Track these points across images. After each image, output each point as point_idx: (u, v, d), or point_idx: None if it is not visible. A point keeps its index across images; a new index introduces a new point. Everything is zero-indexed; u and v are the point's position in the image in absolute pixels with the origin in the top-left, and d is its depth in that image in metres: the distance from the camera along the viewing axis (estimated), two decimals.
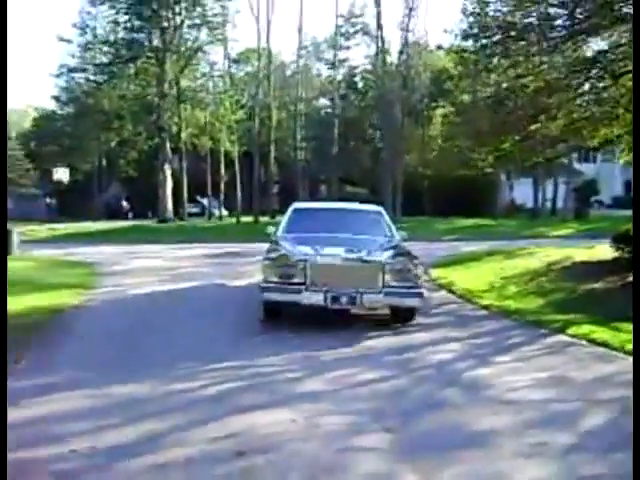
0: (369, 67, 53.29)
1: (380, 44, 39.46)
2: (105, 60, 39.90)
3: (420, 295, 8.68)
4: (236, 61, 50.10)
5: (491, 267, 16.02)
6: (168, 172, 39.58)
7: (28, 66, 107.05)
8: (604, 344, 7.75)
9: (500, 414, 5.27)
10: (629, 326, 8.60)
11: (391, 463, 4.27)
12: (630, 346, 7.54)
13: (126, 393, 5.73)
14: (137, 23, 37.57)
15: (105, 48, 39.65)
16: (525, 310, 10.35)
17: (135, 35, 38.30)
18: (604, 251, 15.36)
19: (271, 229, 11.25)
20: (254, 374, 6.34)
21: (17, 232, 21.16)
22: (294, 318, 8.93)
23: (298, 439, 4.67)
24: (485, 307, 10.75)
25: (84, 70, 41.82)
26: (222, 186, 45.67)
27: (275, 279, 8.59)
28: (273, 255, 9.07)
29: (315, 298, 8.41)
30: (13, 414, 4.91)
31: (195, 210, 46.99)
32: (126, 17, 37.70)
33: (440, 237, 28.41)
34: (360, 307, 8.68)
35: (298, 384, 6.10)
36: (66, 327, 9.21)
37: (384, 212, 11.43)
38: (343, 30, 51.53)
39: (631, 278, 12.72)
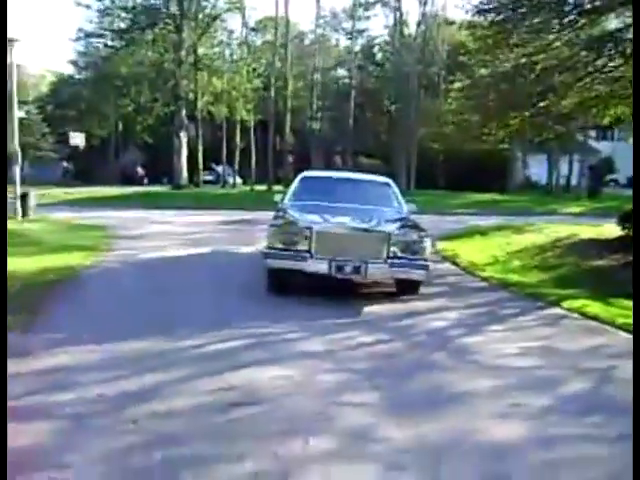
0: (388, 39, 53.03)
1: (398, 16, 39.23)
2: (123, 26, 40.01)
3: (425, 267, 8.63)
4: (254, 29, 49.99)
5: (498, 241, 16.24)
6: (184, 139, 39.83)
7: (45, 30, 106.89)
8: (595, 318, 8.00)
9: (483, 377, 5.57)
10: (623, 302, 8.88)
11: (376, 417, 4.59)
12: (621, 320, 7.81)
13: (131, 349, 6.07)
14: None
15: (123, 14, 39.69)
16: (525, 283, 10.61)
17: (153, 1, 38.33)
18: (611, 230, 15.53)
19: (278, 197, 11.31)
20: (256, 334, 6.66)
21: (33, 195, 21.57)
22: (299, 286, 8.98)
23: (291, 393, 5.00)
24: (486, 279, 11.03)
25: (101, 36, 41.92)
26: (237, 154, 45.93)
27: (279, 245, 8.55)
28: (278, 222, 9.02)
29: (319, 266, 8.37)
30: (31, 364, 5.31)
31: (210, 178, 47.23)
32: None
33: (452, 211, 28.54)
34: (364, 277, 8.60)
35: (297, 344, 6.42)
36: (78, 286, 9.59)
37: (393, 184, 11.32)
38: (362, 0, 51.25)
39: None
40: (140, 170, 52.34)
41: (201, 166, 42.57)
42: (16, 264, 11.14)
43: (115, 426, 4.31)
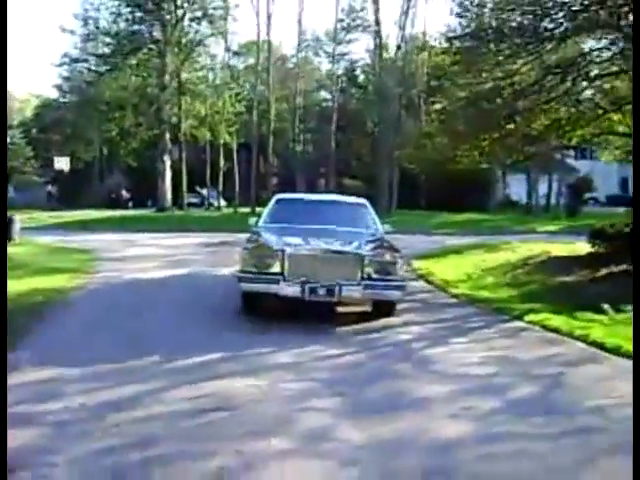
0: (369, 61, 53.91)
1: (378, 40, 40.03)
2: (107, 51, 40.57)
3: (400, 288, 8.67)
4: (237, 53, 50.72)
5: (473, 260, 16.71)
6: (167, 162, 40.27)
7: (30, 55, 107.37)
8: (555, 330, 8.44)
9: (441, 384, 5.98)
10: (587, 315, 9.29)
11: (335, 420, 4.99)
12: (579, 331, 8.24)
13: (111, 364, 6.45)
14: (139, 15, 38.20)
15: (107, 39, 40.28)
16: (493, 299, 11.05)
17: (137, 27, 38.95)
18: (582, 247, 16.00)
19: (253, 220, 11.24)
20: (229, 348, 7.06)
21: (18, 219, 21.87)
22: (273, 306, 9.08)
23: (259, 400, 5.39)
24: (456, 296, 11.48)
25: (85, 60, 42.48)
26: (221, 177, 46.38)
27: (252, 269, 8.50)
28: (251, 245, 8.97)
29: (292, 289, 8.31)
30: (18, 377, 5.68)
31: (194, 200, 47.63)
32: (128, 9, 38.32)
33: (431, 230, 29.03)
34: (338, 299, 8.49)
35: (267, 357, 6.82)
36: (64, 306, 9.98)
37: (368, 205, 11.37)
38: (344, 24, 52.14)
39: (602, 272, 13.47)
40: (125, 193, 52.64)
41: (185, 189, 42.97)
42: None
43: (96, 431, 4.68)
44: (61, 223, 31.48)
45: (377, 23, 39.66)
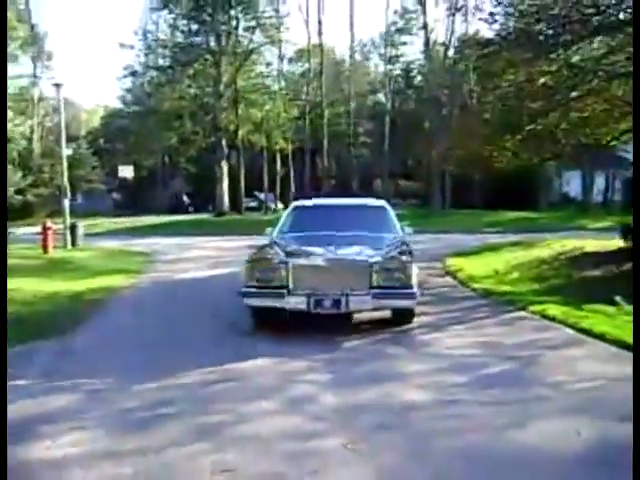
0: (424, 62, 54.36)
1: (426, 43, 40.62)
2: (165, 63, 42.39)
3: (411, 296, 8.20)
4: (291, 60, 51.98)
5: (506, 256, 17.19)
6: (224, 168, 41.78)
7: (99, 68, 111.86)
8: (552, 319, 9.08)
9: (423, 363, 6.83)
10: (595, 306, 9.83)
11: (321, 390, 5.92)
12: (572, 319, 8.87)
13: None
14: (194, 27, 39.85)
15: (165, 52, 42.07)
16: (510, 292, 11.63)
17: (193, 39, 40.58)
18: (615, 242, 16.33)
19: (269, 229, 10.72)
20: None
21: (81, 225, 23.48)
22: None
23: (263, 374, 6.38)
24: (474, 290, 12.15)
25: (144, 74, 44.45)
26: (278, 181, 47.73)
27: (255, 283, 8.23)
28: (254, 257, 8.73)
29: (297, 302, 8.02)
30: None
31: (252, 204, 49.08)
32: (184, 21, 40.03)
33: (480, 229, 29.39)
34: (346, 310, 8.12)
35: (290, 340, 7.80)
36: (114, 301, 11.56)
37: (389, 207, 11.10)
38: (398, 26, 52.78)
39: (627, 266, 13.83)
40: (186, 199, 54.62)
41: (243, 193, 44.41)
42: (63, 286, 13.01)
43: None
44: (123, 229, 33.24)
45: (424, 27, 40.23)
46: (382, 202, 11.61)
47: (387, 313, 8.71)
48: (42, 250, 20.44)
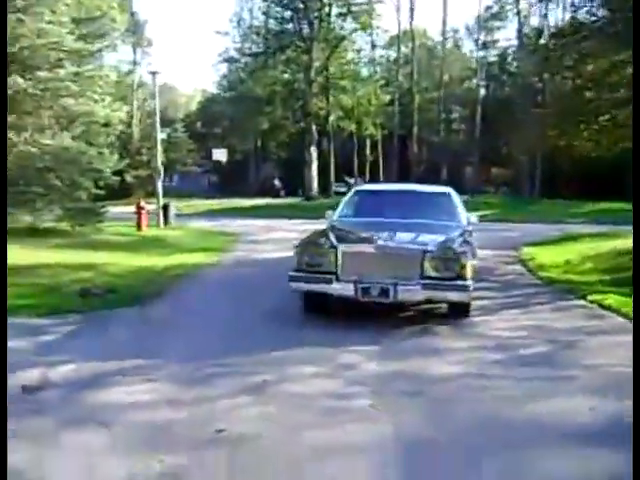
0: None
1: (519, 30, 40.02)
2: (258, 50, 43.57)
3: (463, 289, 7.80)
4: (383, 47, 52.19)
5: (583, 247, 17.10)
6: (314, 153, 42.63)
7: (198, 54, 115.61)
8: (607, 307, 9.25)
9: (466, 341, 7.27)
10: None
11: (366, 359, 6.50)
12: (625, 309, 9.02)
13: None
14: (287, 14, 40.77)
15: (258, 39, 43.23)
16: (576, 282, 11.68)
17: (285, 26, 41.50)
18: None
19: (329, 212, 10.58)
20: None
21: (173, 206, 24.82)
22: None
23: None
24: (540, 278, 12.35)
25: (237, 60, 45.81)
26: (367, 166, 48.26)
27: (304, 267, 8.11)
28: (305, 241, 8.70)
29: (345, 289, 7.88)
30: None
31: (342, 189, 49.73)
32: (278, 9, 41.05)
33: (566, 219, 28.89)
34: (394, 300, 7.85)
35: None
36: (196, 275, 12.64)
37: (454, 194, 10.68)
38: (493, 11, 52.03)
39: None
40: (277, 183, 55.92)
41: (333, 178, 45.19)
42: (151, 261, 14.11)
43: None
44: (214, 210, 34.68)
45: (518, 12, 39.62)
46: (446, 189, 11.30)
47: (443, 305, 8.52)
48: (136, 228, 21.85)
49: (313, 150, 42.27)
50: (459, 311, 8.31)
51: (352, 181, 49.87)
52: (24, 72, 16.24)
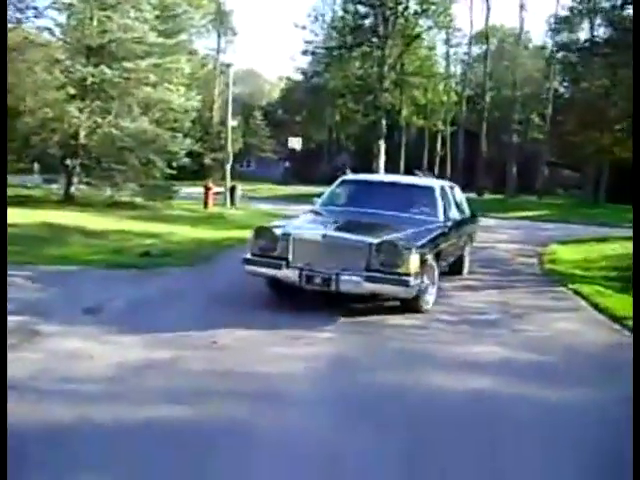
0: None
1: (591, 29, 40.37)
2: (334, 44, 45.42)
3: (403, 283, 7.81)
4: (455, 45, 53.15)
5: (606, 247, 17.76)
6: (382, 147, 44.09)
7: (283, 43, 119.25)
8: (579, 293, 10.41)
9: (436, 305, 8.85)
10: None
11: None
12: (596, 297, 10.31)
13: None
14: (364, 10, 42.46)
15: (334, 33, 45.13)
16: (574, 274, 12.58)
17: (361, 21, 43.11)
18: None
19: (317, 200, 10.92)
20: None
21: (240, 188, 27.15)
22: None
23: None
24: (544, 269, 13.61)
25: (314, 54, 47.78)
26: (437, 161, 49.51)
27: (257, 252, 8.42)
28: (261, 226, 8.94)
29: (291, 275, 8.11)
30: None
31: None
32: (354, 5, 42.77)
33: (619, 223, 28.99)
34: (336, 290, 7.99)
35: None
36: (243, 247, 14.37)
37: (438, 189, 10.50)
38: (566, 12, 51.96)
39: None
40: (349, 173, 57.55)
41: (402, 171, 46.63)
42: (210, 234, 16.40)
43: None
44: (281, 195, 36.94)
45: (594, 11, 39.97)
46: (433, 183, 11.19)
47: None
48: (203, 206, 24.25)
49: (381, 143, 43.74)
50: (408, 306, 8.40)
51: (421, 174, 50.98)
52: (111, 63, 18.67)
